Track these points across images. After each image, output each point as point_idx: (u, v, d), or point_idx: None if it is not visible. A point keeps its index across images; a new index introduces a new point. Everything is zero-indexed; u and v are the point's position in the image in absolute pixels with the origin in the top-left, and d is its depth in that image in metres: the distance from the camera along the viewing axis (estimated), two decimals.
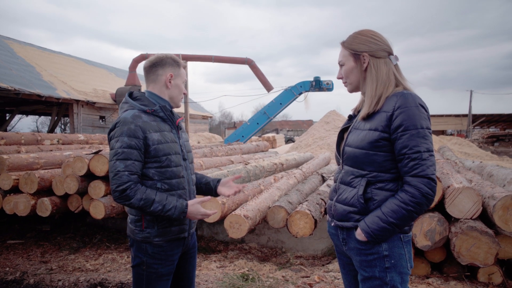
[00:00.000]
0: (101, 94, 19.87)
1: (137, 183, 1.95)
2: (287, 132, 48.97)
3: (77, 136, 8.46)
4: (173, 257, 2.13)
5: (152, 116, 2.07)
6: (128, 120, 1.98)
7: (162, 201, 1.95)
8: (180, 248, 2.17)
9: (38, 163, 5.57)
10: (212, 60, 18.88)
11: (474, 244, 3.39)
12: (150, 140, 2.00)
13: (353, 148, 1.73)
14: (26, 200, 4.91)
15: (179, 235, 2.12)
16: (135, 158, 1.96)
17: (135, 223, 2.09)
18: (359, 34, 1.78)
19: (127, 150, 1.94)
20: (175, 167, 2.08)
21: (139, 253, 2.09)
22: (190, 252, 2.30)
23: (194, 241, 2.34)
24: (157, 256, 2.07)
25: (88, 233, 5.98)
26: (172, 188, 2.06)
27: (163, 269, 2.09)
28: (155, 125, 2.05)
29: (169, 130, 2.12)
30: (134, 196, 1.92)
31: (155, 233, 2.05)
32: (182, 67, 2.19)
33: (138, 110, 2.05)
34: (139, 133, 1.97)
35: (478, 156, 18.02)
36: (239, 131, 18.16)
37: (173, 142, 2.10)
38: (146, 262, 2.07)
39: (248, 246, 5.18)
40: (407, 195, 1.60)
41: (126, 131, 1.96)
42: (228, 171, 5.19)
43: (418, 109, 1.61)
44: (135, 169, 1.95)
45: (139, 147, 1.97)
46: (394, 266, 1.68)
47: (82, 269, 4.41)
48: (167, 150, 2.05)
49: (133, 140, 1.96)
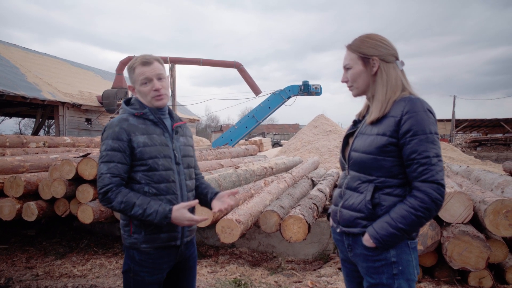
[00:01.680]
0: (87, 96, 19.61)
1: (119, 186, 1.92)
2: (273, 135, 49.12)
3: (64, 139, 8.32)
4: (162, 265, 2.03)
5: (141, 119, 2.03)
6: (113, 123, 1.98)
7: (143, 205, 1.89)
8: (171, 257, 2.07)
9: (23, 166, 5.44)
10: (201, 63, 18.84)
11: (466, 249, 3.41)
12: (135, 142, 1.96)
13: (360, 153, 1.72)
14: (12, 204, 4.78)
15: (169, 242, 2.02)
16: (118, 160, 1.92)
17: (124, 228, 2.04)
18: (367, 37, 1.76)
19: (110, 153, 1.92)
20: (163, 171, 2.00)
21: (128, 259, 2.03)
22: (188, 263, 2.19)
23: (192, 251, 2.22)
24: (144, 264, 1.99)
25: (75, 238, 5.85)
26: (160, 193, 1.99)
27: (150, 277, 2.00)
28: (143, 128, 2.01)
29: (159, 133, 2.04)
30: (115, 198, 1.89)
31: (142, 239, 1.98)
32: (137, 68, 2.01)
33: (127, 114, 2.03)
34: (123, 136, 1.94)
35: (462, 161, 18.30)
36: (227, 135, 18.12)
37: (162, 145, 2.02)
38: (133, 269, 2.00)
39: (238, 250, 5.14)
40: (416, 200, 1.58)
41: (111, 134, 1.95)
42: (219, 175, 5.14)
43: (427, 114, 1.61)
44: (117, 171, 1.92)
45: (123, 149, 1.94)
46: (402, 273, 1.66)
47: (70, 275, 4.30)
48: (154, 153, 1.98)
49: (116, 142, 1.93)
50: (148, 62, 2.00)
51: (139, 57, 2.03)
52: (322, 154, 13.50)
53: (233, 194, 2.14)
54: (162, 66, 2.09)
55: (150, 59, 2.02)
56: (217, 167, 6.88)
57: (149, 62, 2.00)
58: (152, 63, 2.01)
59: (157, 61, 2.05)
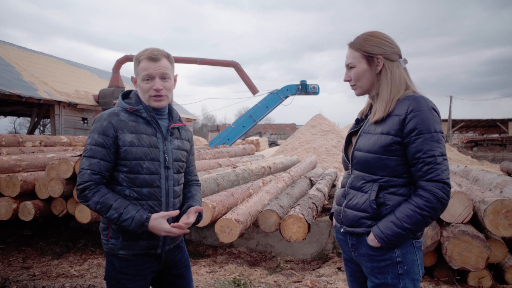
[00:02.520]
0: (83, 95, 19.50)
1: (98, 184, 1.81)
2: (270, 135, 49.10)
3: (60, 138, 8.27)
4: (144, 271, 1.91)
5: (133, 115, 1.90)
6: (103, 117, 1.86)
7: (119, 209, 1.77)
8: (154, 263, 1.94)
9: (20, 166, 5.40)
10: (198, 62, 18.77)
11: (466, 249, 3.41)
12: (121, 140, 1.84)
13: (364, 153, 1.70)
14: (8, 203, 4.74)
15: (148, 250, 1.89)
16: (101, 157, 1.81)
17: (103, 231, 1.93)
18: (371, 36, 1.74)
19: (94, 148, 1.82)
20: (147, 175, 1.86)
21: (108, 266, 1.92)
22: (179, 268, 2.06)
23: (180, 256, 2.07)
24: (125, 271, 1.88)
25: (71, 237, 5.81)
26: (141, 198, 1.86)
27: (132, 284, 1.88)
28: (133, 126, 1.88)
29: (151, 134, 1.90)
30: (92, 198, 1.78)
31: (120, 245, 1.86)
32: (143, 61, 1.88)
33: (120, 108, 1.91)
34: (109, 131, 1.83)
35: (459, 161, 18.36)
36: (224, 134, 18.07)
37: (151, 147, 1.88)
38: (115, 276, 1.89)
39: (237, 250, 5.12)
40: (422, 200, 1.57)
41: (98, 127, 1.84)
42: (217, 175, 5.11)
43: (431, 113, 1.59)
44: (99, 168, 1.80)
45: (108, 145, 1.82)
46: (407, 273, 1.64)
47: (67, 275, 4.26)
48: (139, 154, 1.85)
49: (102, 137, 1.82)
50: (155, 58, 1.86)
51: (148, 50, 1.89)
52: (320, 153, 13.50)
53: (198, 211, 1.99)
54: (171, 65, 1.93)
55: (158, 55, 1.87)
56: (215, 166, 6.86)
57: (156, 59, 1.86)
58: (160, 59, 1.87)
59: (166, 58, 1.91)
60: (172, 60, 1.95)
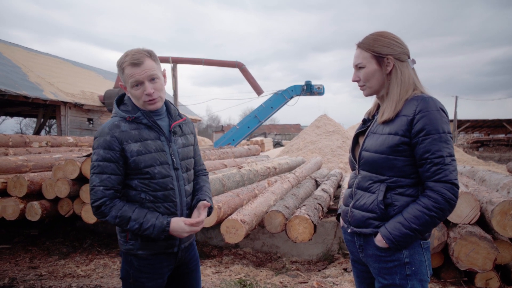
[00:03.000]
0: (89, 96, 19.60)
1: (113, 199, 1.81)
2: (275, 136, 49.13)
3: (66, 138, 8.32)
4: (162, 270, 1.96)
5: (134, 123, 1.88)
6: (104, 131, 1.83)
7: (139, 219, 1.80)
8: (171, 261, 2.00)
9: (27, 166, 5.44)
10: (202, 63, 18.80)
11: (473, 250, 3.39)
12: (128, 151, 1.83)
13: (372, 153, 1.69)
14: (15, 204, 4.77)
15: (166, 250, 1.95)
16: (111, 171, 1.81)
17: (120, 233, 1.96)
18: (380, 36, 1.73)
19: (102, 164, 1.80)
20: (161, 179, 1.88)
21: (126, 265, 1.95)
22: (190, 265, 2.12)
23: (193, 254, 2.14)
24: (144, 270, 1.92)
25: (78, 237, 5.84)
26: (157, 201, 1.88)
27: (150, 283, 1.93)
28: (136, 134, 1.86)
29: (155, 138, 1.90)
30: (109, 213, 1.79)
31: (139, 245, 1.90)
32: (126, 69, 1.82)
33: (119, 118, 1.88)
34: (115, 145, 1.81)
35: (465, 161, 18.26)
36: (229, 135, 18.09)
37: (158, 152, 1.89)
38: (133, 275, 1.93)
39: (242, 251, 5.12)
40: (430, 200, 1.56)
41: (102, 143, 1.82)
42: (223, 175, 5.12)
43: (439, 113, 1.59)
44: (111, 183, 1.80)
45: (115, 159, 1.81)
46: (415, 274, 1.64)
47: (73, 275, 4.29)
48: (149, 161, 1.86)
49: (108, 152, 1.81)
50: (138, 63, 1.79)
51: (128, 55, 1.82)
52: (325, 154, 13.48)
53: (206, 206, 1.99)
54: (155, 63, 1.87)
55: (140, 58, 1.80)
56: (221, 167, 6.87)
57: (139, 63, 1.80)
58: (143, 62, 1.80)
59: (149, 58, 1.84)
60: (155, 57, 1.89)
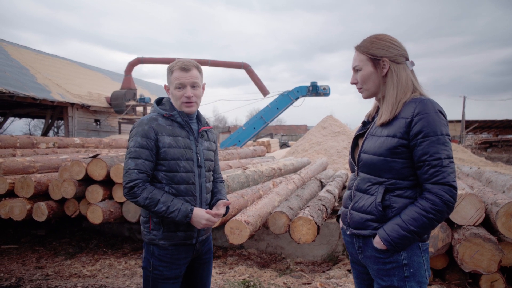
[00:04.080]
0: (96, 97, 19.76)
1: (145, 182, 2.01)
2: (281, 136, 49.07)
3: (73, 139, 8.38)
4: (180, 261, 2.13)
5: (169, 120, 2.13)
6: (143, 122, 2.08)
7: (166, 202, 1.99)
8: (189, 253, 2.17)
9: (34, 167, 5.49)
10: (208, 64, 18.87)
11: (478, 251, 3.37)
12: (161, 142, 2.05)
13: (370, 155, 1.70)
14: (22, 204, 4.82)
15: (185, 241, 2.13)
16: (146, 157, 2.02)
17: (144, 225, 2.14)
18: (376, 38, 1.74)
19: (139, 150, 2.02)
20: (184, 173, 2.09)
21: (147, 255, 2.13)
22: (204, 258, 2.30)
23: (208, 247, 2.33)
24: (163, 259, 2.09)
25: (84, 238, 5.89)
26: (179, 194, 2.08)
27: (168, 272, 2.10)
28: (170, 129, 2.10)
29: (185, 136, 2.14)
30: (141, 194, 1.98)
31: (161, 235, 2.08)
32: (175, 71, 2.10)
33: (157, 114, 2.14)
34: (151, 134, 2.04)
35: (473, 162, 18.11)
36: (234, 136, 18.08)
37: (186, 148, 2.12)
38: (153, 264, 2.10)
39: (247, 252, 5.13)
40: (428, 202, 1.57)
41: (140, 131, 2.04)
42: (227, 176, 5.13)
43: (438, 115, 1.59)
44: (144, 168, 2.01)
45: (150, 147, 2.03)
46: (413, 275, 1.65)
47: (79, 275, 4.33)
48: (177, 154, 2.08)
49: (145, 140, 2.03)
50: (187, 69, 2.09)
51: (180, 61, 2.11)
52: (331, 155, 13.44)
53: (227, 204, 2.21)
54: (200, 74, 2.15)
55: (189, 66, 2.09)
56: (226, 168, 6.88)
57: (187, 69, 2.09)
58: (191, 70, 2.09)
59: (196, 69, 2.13)
60: (201, 70, 2.19)
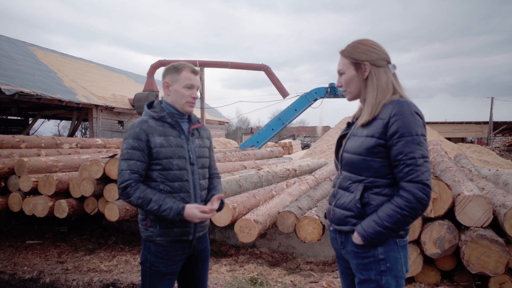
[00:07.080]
0: (119, 99, 20.26)
1: (138, 182, 2.09)
2: (304, 138, 48.90)
3: (95, 140, 8.67)
4: (177, 257, 2.21)
5: (160, 121, 2.21)
6: (134, 125, 2.17)
7: (158, 201, 2.06)
8: (185, 250, 2.24)
9: (56, 166, 5.75)
10: (229, 66, 19.06)
11: (484, 253, 3.36)
12: (152, 142, 2.14)
13: (351, 154, 1.78)
14: (44, 201, 5.07)
15: (182, 237, 2.20)
16: (137, 158, 2.10)
17: (141, 222, 2.23)
18: (358, 43, 1.83)
19: (131, 151, 2.11)
20: (177, 170, 2.17)
21: (145, 251, 2.22)
22: (201, 255, 2.37)
23: (205, 245, 2.40)
24: (160, 255, 2.17)
25: (103, 235, 6.12)
26: (174, 191, 2.16)
27: (165, 268, 2.18)
28: (161, 130, 2.18)
29: (176, 136, 2.22)
30: (134, 194, 2.06)
31: (157, 232, 2.16)
32: (185, 72, 2.22)
33: (147, 116, 2.23)
34: (142, 136, 2.13)
35: (498, 165, 17.65)
36: (254, 137, 18.23)
37: (178, 147, 2.20)
38: (150, 260, 2.18)
39: (259, 250, 5.22)
40: (402, 200, 1.64)
41: (131, 134, 2.14)
42: (240, 176, 5.25)
43: (413, 117, 1.66)
44: (136, 168, 2.09)
45: (142, 148, 2.12)
46: (389, 270, 1.72)
47: (96, 270, 4.52)
48: (169, 153, 2.16)
49: (136, 142, 2.12)
50: (196, 72, 2.27)
51: (187, 64, 2.26)
52: None
53: (220, 198, 2.28)
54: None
55: (197, 71, 2.28)
56: (240, 168, 6.99)
57: (196, 73, 2.27)
58: (198, 74, 2.28)
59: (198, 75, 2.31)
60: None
